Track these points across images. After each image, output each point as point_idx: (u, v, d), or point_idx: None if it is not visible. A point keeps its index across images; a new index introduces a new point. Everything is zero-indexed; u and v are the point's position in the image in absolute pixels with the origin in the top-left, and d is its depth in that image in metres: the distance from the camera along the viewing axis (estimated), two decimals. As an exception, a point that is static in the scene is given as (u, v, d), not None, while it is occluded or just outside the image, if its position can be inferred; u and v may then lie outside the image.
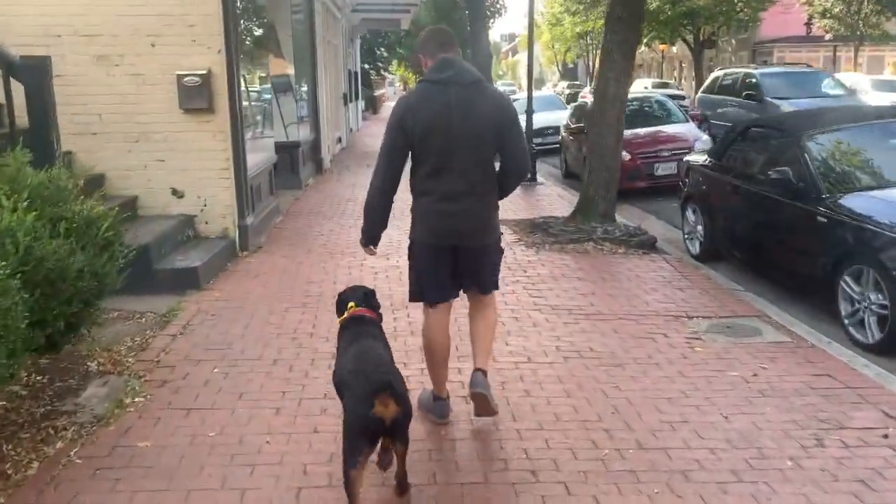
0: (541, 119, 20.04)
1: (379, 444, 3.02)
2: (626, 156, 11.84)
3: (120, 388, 4.27)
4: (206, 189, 7.19)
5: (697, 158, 8.65)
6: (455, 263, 3.70)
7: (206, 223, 7.26)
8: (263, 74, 10.96)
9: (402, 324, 5.41)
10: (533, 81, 14.39)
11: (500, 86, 53.20)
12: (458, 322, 4.42)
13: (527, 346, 5.02)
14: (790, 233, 6.33)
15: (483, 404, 3.69)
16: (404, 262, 4.07)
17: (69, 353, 4.60)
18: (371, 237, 3.84)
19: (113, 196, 6.99)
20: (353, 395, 2.93)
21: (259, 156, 8.99)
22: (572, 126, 14.15)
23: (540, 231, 8.30)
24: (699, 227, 8.00)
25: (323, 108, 14.62)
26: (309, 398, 4.20)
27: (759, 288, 6.54)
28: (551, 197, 11.63)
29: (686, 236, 8.35)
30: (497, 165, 3.74)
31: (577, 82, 62.11)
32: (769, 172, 6.47)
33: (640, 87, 43.38)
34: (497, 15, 38.06)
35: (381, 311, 3.73)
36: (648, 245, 7.76)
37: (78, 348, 4.74)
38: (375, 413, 2.78)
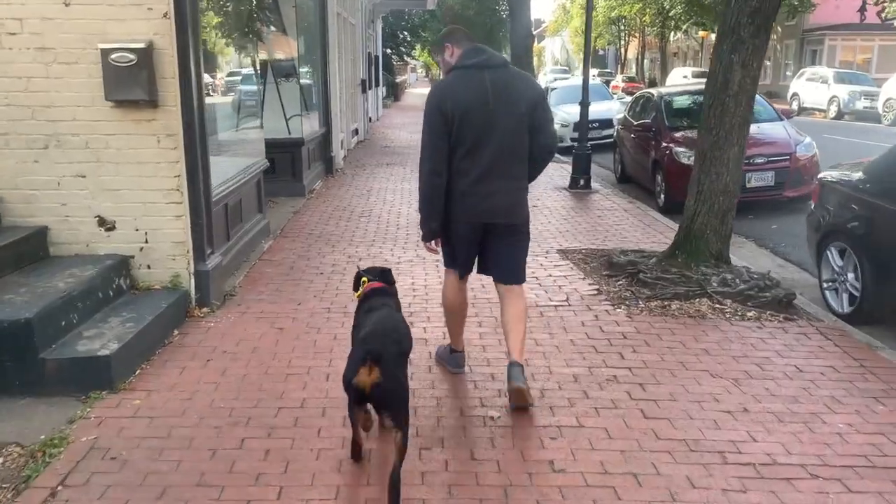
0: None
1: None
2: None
3: None
4: (147, 218, 4.92)
5: (840, 176, 6.24)
6: (482, 242, 3.89)
7: (148, 267, 4.98)
8: (255, 54, 8.67)
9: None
10: (588, 67, 11.95)
11: (551, 73, 49.97)
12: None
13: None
14: None
15: (520, 397, 3.71)
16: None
17: None
18: (431, 231, 3.88)
19: (9, 227, 4.75)
20: (348, 359, 3.13)
21: (237, 163, 6.72)
22: (635, 124, 11.72)
23: (625, 275, 5.94)
24: (850, 276, 5.63)
25: (335, 97, 12.31)
26: None
27: None
28: (615, 212, 9.24)
29: (826, 285, 5.98)
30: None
31: (608, 70, 59.19)
32: None
33: (679, 76, 40.87)
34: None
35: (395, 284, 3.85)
36: (786, 303, 5.39)
37: None
38: (356, 380, 2.93)
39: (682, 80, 39.26)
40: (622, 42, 66.02)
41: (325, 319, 5.09)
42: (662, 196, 10.09)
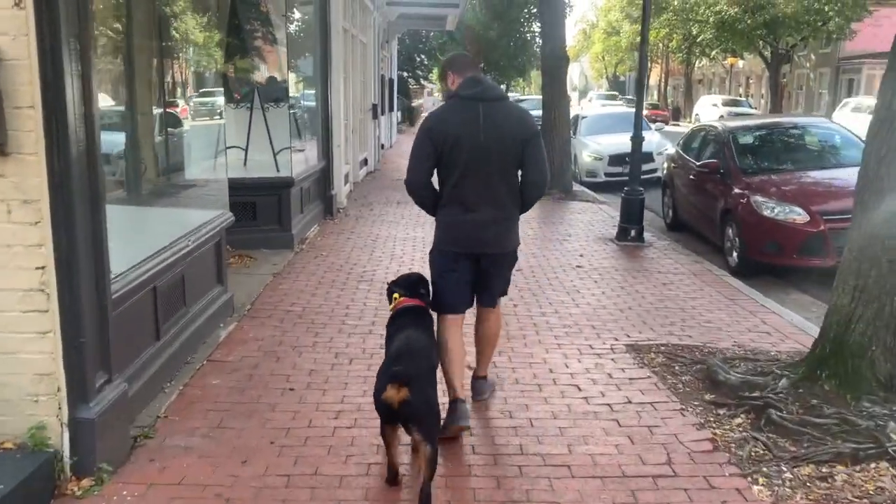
0: (617, 143, 15.78)
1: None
2: (798, 214, 7.56)
3: None
4: (-9, 335, 3.00)
5: None
6: (472, 273, 3.85)
7: (-7, 416, 3.06)
8: (225, 72, 6.83)
9: None
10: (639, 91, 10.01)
11: (596, 98, 47.73)
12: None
13: None
14: None
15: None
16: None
17: None
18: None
19: None
20: (378, 375, 3.23)
21: (182, 221, 4.84)
22: (694, 163, 9.74)
23: (744, 408, 3.94)
24: None
25: (338, 125, 10.44)
26: None
27: None
28: (682, 277, 7.24)
29: None
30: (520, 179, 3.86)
31: (630, 98, 57.05)
32: None
33: (708, 104, 38.95)
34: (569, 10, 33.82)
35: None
36: None
37: None
38: (385, 396, 3.00)
39: (712, 109, 37.45)
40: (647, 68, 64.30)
41: (282, 502, 3.12)
42: (735, 254, 8.10)
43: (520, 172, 3.84)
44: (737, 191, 8.28)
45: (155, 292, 4.11)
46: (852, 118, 26.90)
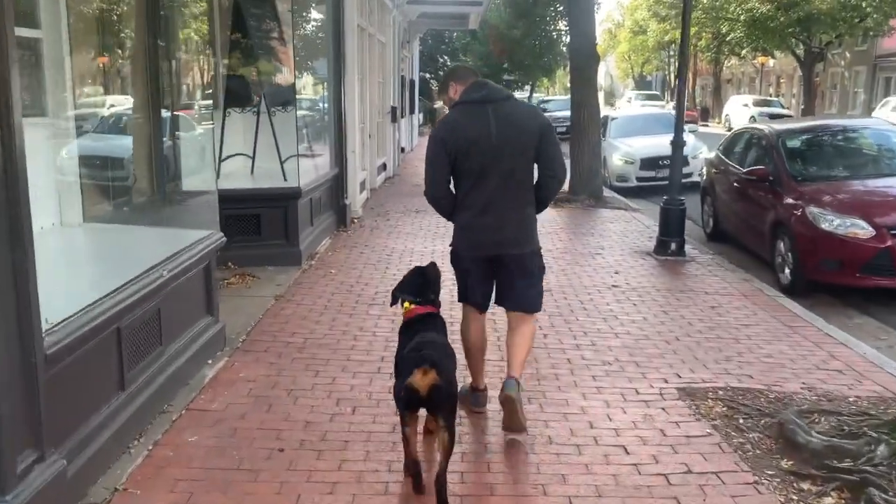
0: (649, 146, 14.97)
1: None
2: (862, 228, 6.77)
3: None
4: None
5: None
6: (493, 275, 3.85)
7: None
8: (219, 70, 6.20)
9: None
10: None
11: (636, 98, 46.25)
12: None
13: None
14: None
15: (511, 411, 3.62)
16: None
17: None
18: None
19: None
20: (401, 368, 3.21)
21: (164, 240, 4.17)
22: (740, 169, 8.92)
23: (834, 483, 3.17)
24: None
25: (352, 130, 9.77)
26: None
27: None
28: (731, 299, 6.46)
29: None
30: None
31: (657, 94, 55.55)
32: None
33: (739, 104, 37.79)
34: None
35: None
36: None
37: None
38: (412, 381, 3.01)
39: (743, 110, 36.30)
40: (671, 68, 63.05)
41: None
42: (787, 271, 7.29)
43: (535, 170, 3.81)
44: (789, 201, 7.48)
45: (119, 334, 3.44)
46: (895, 118, 25.86)
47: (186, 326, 4.40)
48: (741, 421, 3.92)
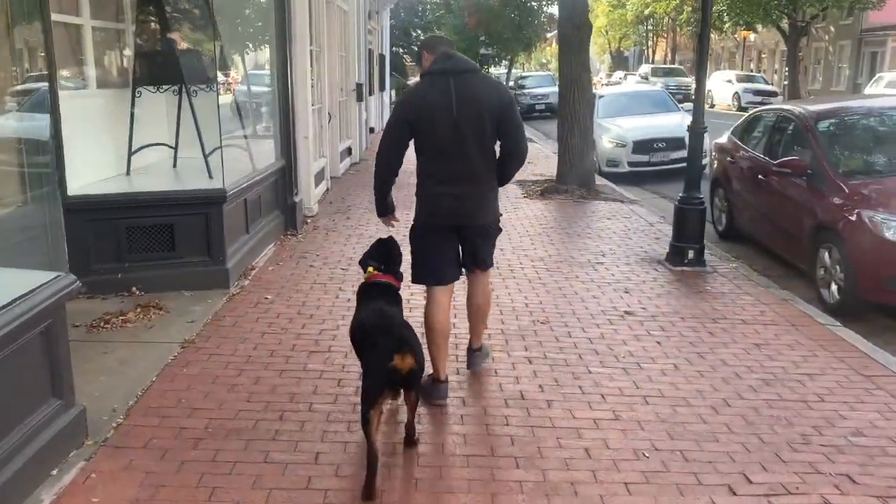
0: (642, 127, 13.51)
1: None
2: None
3: None
4: None
5: None
6: (456, 244, 3.91)
7: None
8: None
9: None
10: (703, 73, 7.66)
11: (638, 75, 43.89)
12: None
13: None
14: None
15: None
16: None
17: None
18: (385, 208, 3.98)
19: None
20: (376, 349, 3.19)
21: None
22: (760, 158, 7.43)
23: None
24: None
25: (304, 112, 8.15)
26: None
27: None
28: (774, 330, 5.04)
29: None
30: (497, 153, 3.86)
31: (635, 72, 54.15)
32: None
33: (722, 80, 36.37)
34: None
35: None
36: None
37: None
38: (395, 365, 3.07)
39: (726, 86, 34.90)
40: (650, 43, 61.44)
41: None
42: (835, 288, 5.89)
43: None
44: (836, 201, 6.05)
45: None
46: (889, 93, 24.60)
47: (13, 423, 2.85)
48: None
